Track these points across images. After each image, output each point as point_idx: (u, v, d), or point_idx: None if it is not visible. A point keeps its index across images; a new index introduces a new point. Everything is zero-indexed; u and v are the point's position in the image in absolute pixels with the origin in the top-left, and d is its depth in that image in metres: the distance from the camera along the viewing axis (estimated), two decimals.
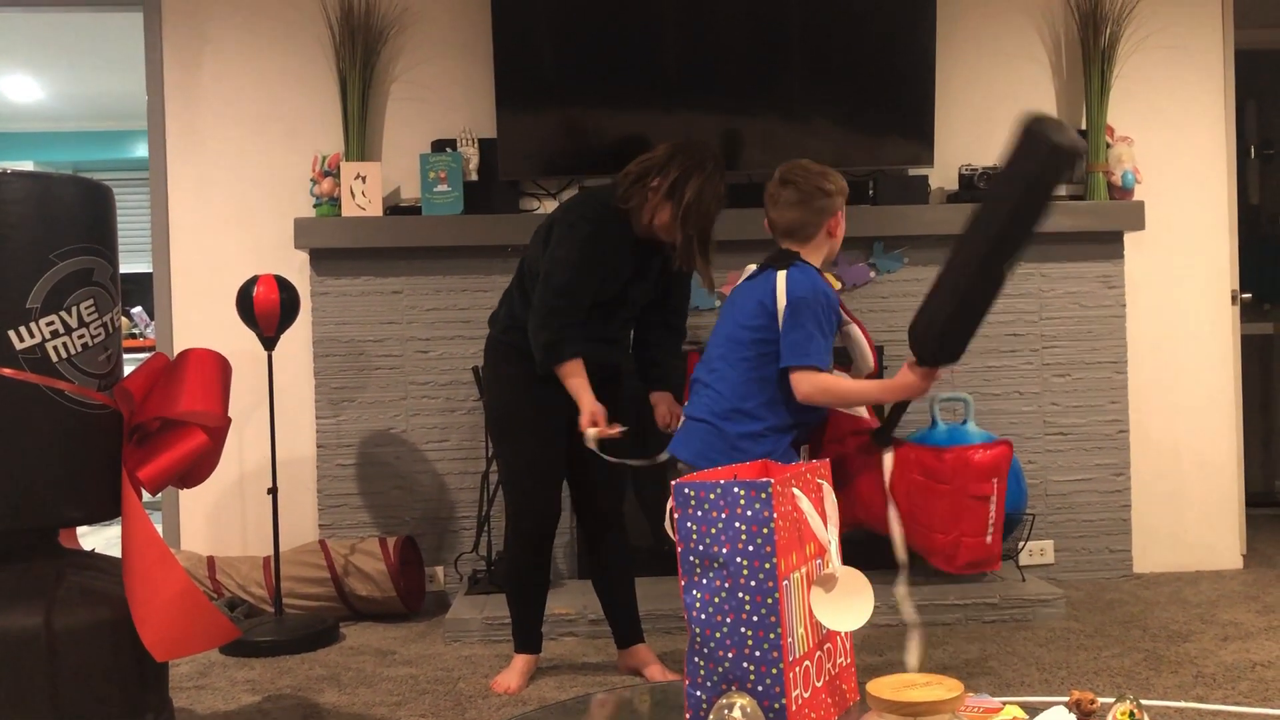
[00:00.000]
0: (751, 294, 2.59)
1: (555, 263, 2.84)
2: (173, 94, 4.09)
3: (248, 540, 4.09)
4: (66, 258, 2.21)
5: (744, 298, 2.62)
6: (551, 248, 2.87)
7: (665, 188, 2.80)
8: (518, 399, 2.94)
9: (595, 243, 2.84)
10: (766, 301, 2.54)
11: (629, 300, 2.98)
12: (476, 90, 4.05)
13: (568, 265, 2.83)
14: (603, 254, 2.86)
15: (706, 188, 2.80)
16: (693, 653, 1.57)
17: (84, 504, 2.26)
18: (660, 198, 2.81)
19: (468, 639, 3.47)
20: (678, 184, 2.79)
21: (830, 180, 2.61)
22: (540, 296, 2.84)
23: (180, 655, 2.32)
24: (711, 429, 2.55)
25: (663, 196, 2.81)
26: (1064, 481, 4.11)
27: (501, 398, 3.01)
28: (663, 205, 2.82)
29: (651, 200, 2.83)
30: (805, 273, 2.55)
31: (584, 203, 2.95)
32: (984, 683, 2.89)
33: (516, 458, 2.97)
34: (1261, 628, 3.38)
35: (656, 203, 2.82)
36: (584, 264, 2.83)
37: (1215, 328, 4.28)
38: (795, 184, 2.60)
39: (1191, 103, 4.26)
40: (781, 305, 2.51)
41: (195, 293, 4.09)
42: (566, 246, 2.85)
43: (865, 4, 3.98)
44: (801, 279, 2.53)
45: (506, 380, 2.99)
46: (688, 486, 1.57)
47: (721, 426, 2.54)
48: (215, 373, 2.44)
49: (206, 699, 2.97)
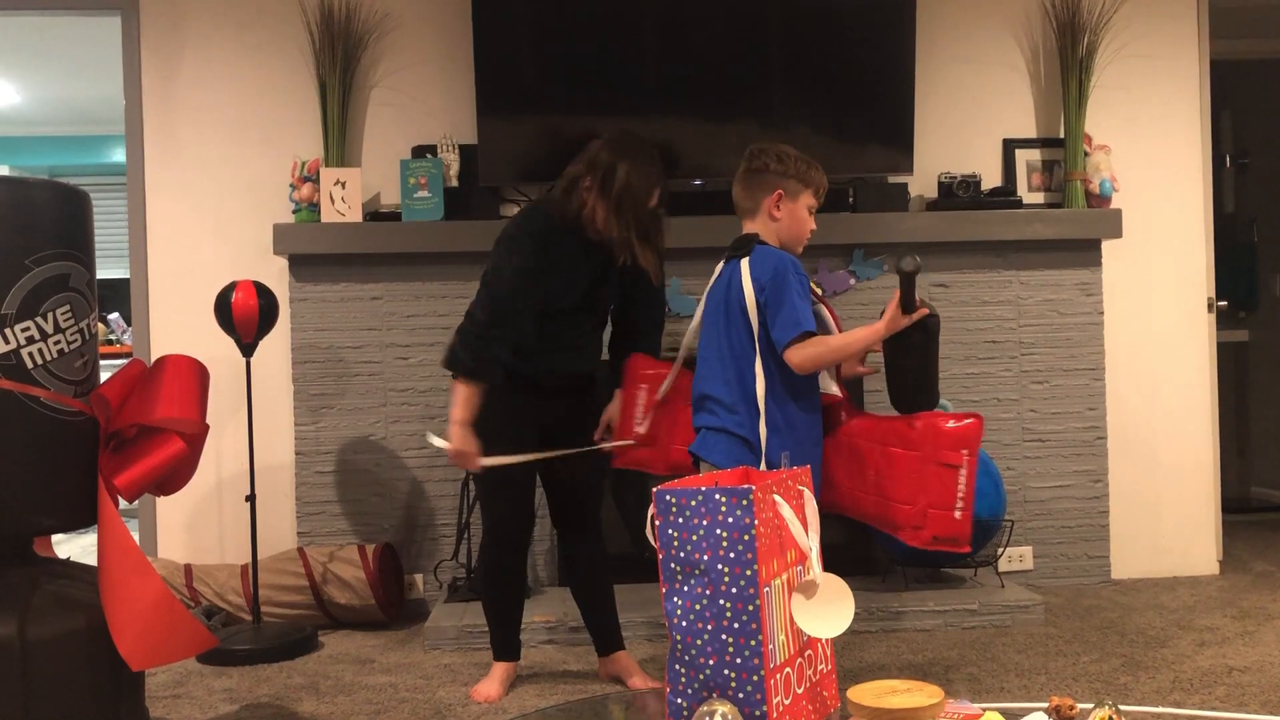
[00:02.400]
0: (724, 297, 2.60)
1: (494, 274, 2.81)
2: (151, 98, 4.06)
3: (225, 548, 4.06)
4: (43, 263, 2.20)
5: (717, 302, 2.62)
6: (493, 260, 2.84)
7: (597, 185, 2.77)
8: (489, 408, 2.85)
9: (539, 254, 2.79)
10: (737, 301, 2.55)
11: (596, 306, 2.96)
12: (457, 96, 4.05)
13: (504, 279, 2.79)
14: (549, 264, 2.81)
15: (634, 174, 2.76)
16: (674, 660, 1.57)
17: (59, 511, 2.25)
18: (595, 196, 2.78)
19: (447, 647, 3.46)
20: (607, 177, 2.76)
21: (783, 162, 2.60)
22: (478, 306, 2.80)
23: (157, 664, 2.30)
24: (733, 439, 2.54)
25: (597, 194, 2.78)
26: (1042, 488, 4.13)
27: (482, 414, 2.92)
28: (599, 203, 2.78)
29: (589, 201, 2.80)
30: (763, 254, 2.56)
31: (529, 216, 2.90)
32: (964, 688, 2.90)
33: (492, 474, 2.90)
34: (1237, 633, 3.40)
35: (593, 202, 2.79)
36: (524, 276, 2.78)
37: (1192, 335, 4.31)
38: (747, 158, 2.64)
39: (1168, 112, 4.30)
40: (750, 297, 2.52)
41: (173, 299, 4.06)
42: (505, 258, 2.81)
43: (844, 12, 3.99)
44: (760, 261, 2.54)
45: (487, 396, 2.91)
46: (669, 493, 1.57)
47: (738, 433, 2.53)
48: (193, 379, 2.43)
49: (183, 708, 2.94)
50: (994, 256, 4.10)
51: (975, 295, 4.10)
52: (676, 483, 1.64)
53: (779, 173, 2.60)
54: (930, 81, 4.16)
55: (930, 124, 4.16)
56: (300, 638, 3.47)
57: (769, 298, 2.51)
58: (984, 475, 3.68)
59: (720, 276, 2.67)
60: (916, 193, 4.14)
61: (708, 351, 2.64)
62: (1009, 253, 4.10)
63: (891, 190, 4.05)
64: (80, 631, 2.19)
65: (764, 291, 2.52)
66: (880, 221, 3.99)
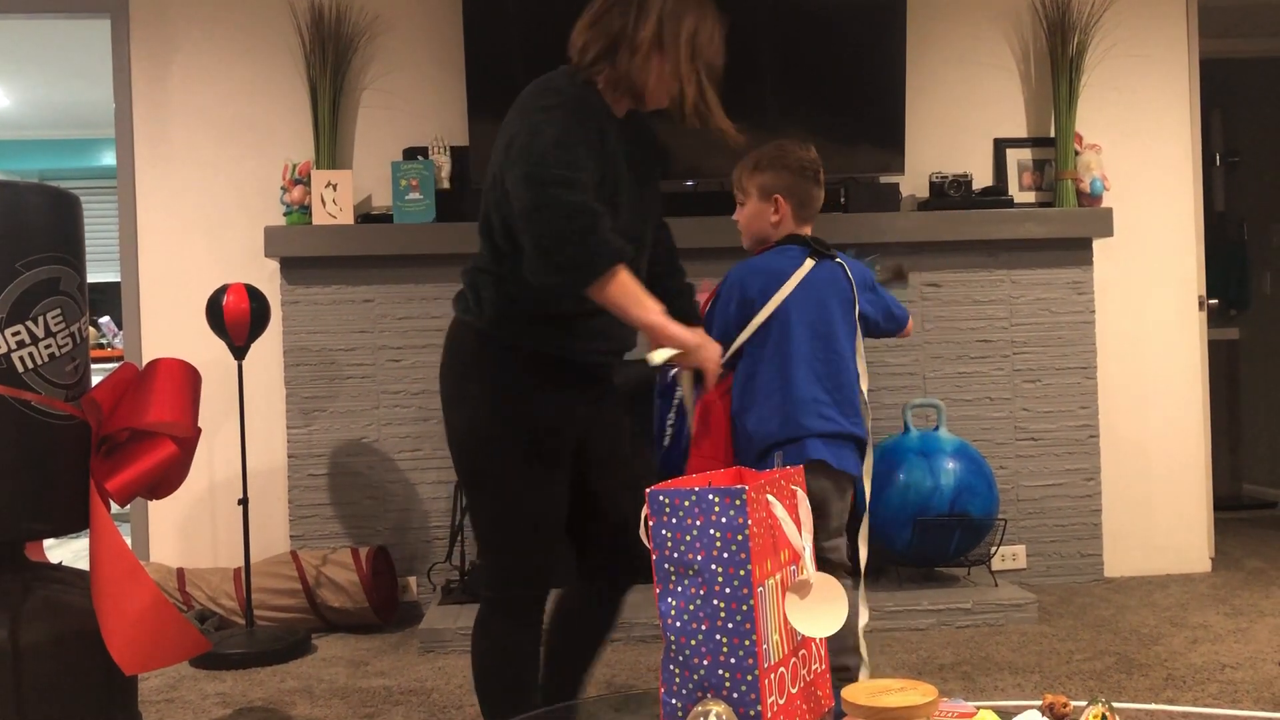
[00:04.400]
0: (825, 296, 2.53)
1: (532, 133, 1.95)
2: (141, 101, 4.05)
3: (218, 552, 4.05)
4: (33, 267, 2.19)
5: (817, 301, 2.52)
6: (517, 135, 1.97)
7: (649, 37, 2.03)
8: (500, 414, 2.05)
9: (586, 127, 2.01)
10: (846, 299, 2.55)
11: (644, 239, 2.16)
12: (448, 98, 4.04)
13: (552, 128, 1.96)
14: (600, 149, 2.02)
15: (703, 25, 2.09)
16: (668, 660, 1.57)
17: (51, 516, 2.24)
18: (645, 52, 2.04)
19: (441, 649, 3.45)
20: (665, 25, 2.04)
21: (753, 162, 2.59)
22: (523, 189, 1.91)
23: (149, 669, 2.29)
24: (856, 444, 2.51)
25: (649, 48, 2.04)
26: (1035, 486, 4.13)
27: (476, 413, 2.07)
28: (649, 59, 2.05)
29: (635, 60, 2.05)
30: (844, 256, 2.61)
31: (547, 81, 2.08)
32: (958, 687, 2.90)
33: (497, 500, 2.06)
34: (1230, 630, 3.41)
35: (640, 61, 2.05)
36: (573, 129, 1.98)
37: (1183, 333, 4.32)
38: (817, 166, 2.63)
39: (1158, 110, 4.31)
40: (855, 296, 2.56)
41: (164, 302, 4.05)
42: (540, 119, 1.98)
43: (836, 13, 4.00)
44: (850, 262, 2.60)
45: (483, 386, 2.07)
46: (662, 494, 1.56)
47: (858, 434, 2.51)
48: (184, 383, 2.42)
49: (176, 713, 2.94)
50: (985, 256, 4.11)
51: (967, 294, 4.11)
52: (670, 483, 1.64)
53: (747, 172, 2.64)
54: (921, 81, 4.17)
55: (921, 124, 4.16)
56: (294, 641, 3.46)
57: (872, 296, 2.62)
58: (977, 474, 3.69)
59: (814, 275, 2.53)
60: (908, 193, 4.15)
61: (805, 349, 2.50)
62: (1000, 252, 4.11)
63: (883, 190, 4.05)
64: (72, 636, 2.18)
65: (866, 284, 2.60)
66: (872, 221, 3.99)
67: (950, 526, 3.63)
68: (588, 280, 1.90)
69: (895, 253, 4.03)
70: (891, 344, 3.94)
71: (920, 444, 3.72)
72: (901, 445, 3.73)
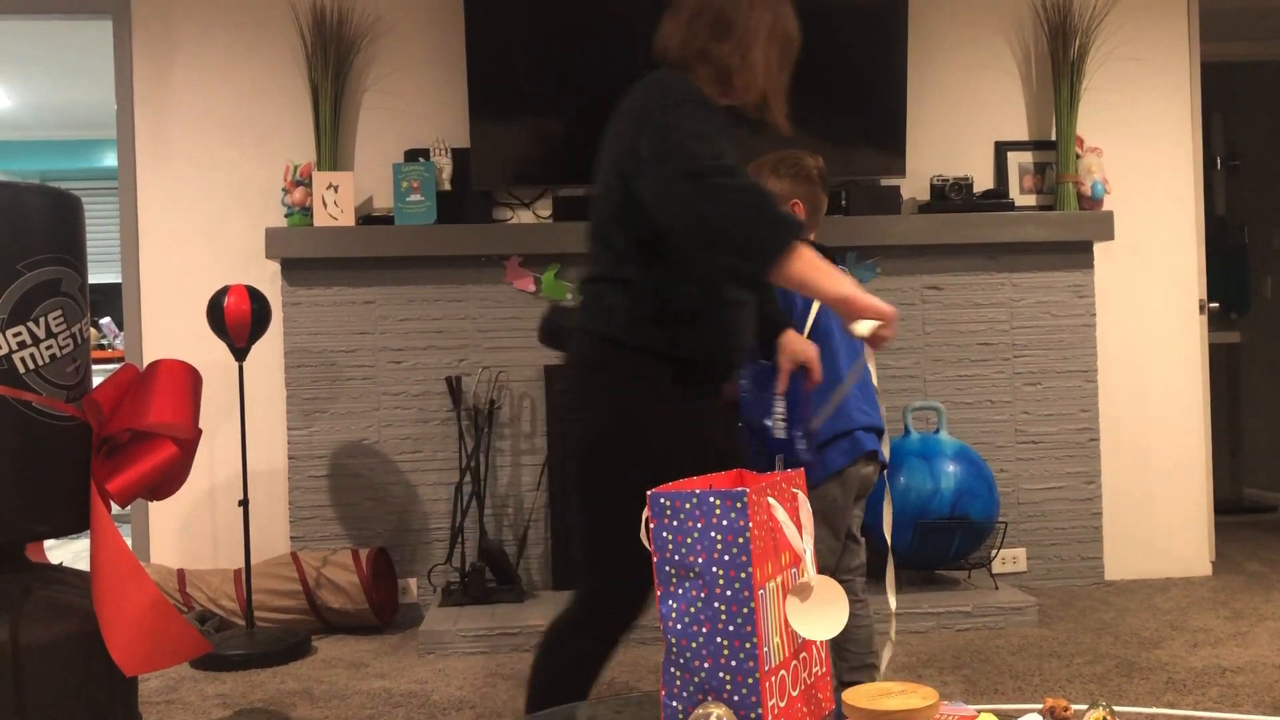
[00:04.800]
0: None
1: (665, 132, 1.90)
2: (142, 103, 4.06)
3: (218, 553, 4.05)
4: (34, 268, 2.19)
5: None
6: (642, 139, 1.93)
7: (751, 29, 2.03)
8: (654, 430, 1.97)
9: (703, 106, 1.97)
10: None
11: None
12: (449, 100, 4.04)
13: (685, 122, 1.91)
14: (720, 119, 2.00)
15: (788, 15, 2.11)
16: (669, 663, 1.57)
17: (51, 517, 2.24)
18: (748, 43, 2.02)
19: (441, 651, 3.45)
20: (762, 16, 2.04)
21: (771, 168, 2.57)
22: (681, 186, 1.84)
23: (150, 670, 2.29)
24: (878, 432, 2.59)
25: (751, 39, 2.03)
26: (1035, 490, 4.13)
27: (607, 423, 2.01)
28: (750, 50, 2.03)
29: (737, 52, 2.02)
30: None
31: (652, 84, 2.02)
32: (958, 690, 2.90)
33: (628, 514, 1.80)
34: (1230, 634, 3.41)
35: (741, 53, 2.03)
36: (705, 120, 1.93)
37: (1183, 336, 4.32)
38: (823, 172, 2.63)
39: (1159, 114, 4.31)
40: None
41: (165, 303, 4.05)
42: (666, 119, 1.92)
43: (837, 16, 4.00)
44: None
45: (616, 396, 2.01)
46: (663, 496, 1.56)
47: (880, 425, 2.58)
48: (185, 384, 2.42)
49: (177, 714, 2.94)
50: (986, 259, 4.11)
51: (968, 297, 4.11)
52: (670, 485, 1.64)
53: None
54: (922, 84, 4.17)
55: (922, 127, 4.17)
56: (294, 642, 3.46)
57: None
58: (977, 477, 3.69)
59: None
60: (909, 195, 4.15)
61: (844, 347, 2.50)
62: (1001, 255, 4.11)
63: (884, 193, 4.05)
64: (73, 637, 2.18)
65: None
66: (873, 224, 3.99)
67: (951, 529, 3.63)
68: (774, 257, 1.80)
69: (896, 255, 4.04)
70: (892, 347, 3.94)
71: (921, 447, 3.72)
72: (902, 448, 3.73)
